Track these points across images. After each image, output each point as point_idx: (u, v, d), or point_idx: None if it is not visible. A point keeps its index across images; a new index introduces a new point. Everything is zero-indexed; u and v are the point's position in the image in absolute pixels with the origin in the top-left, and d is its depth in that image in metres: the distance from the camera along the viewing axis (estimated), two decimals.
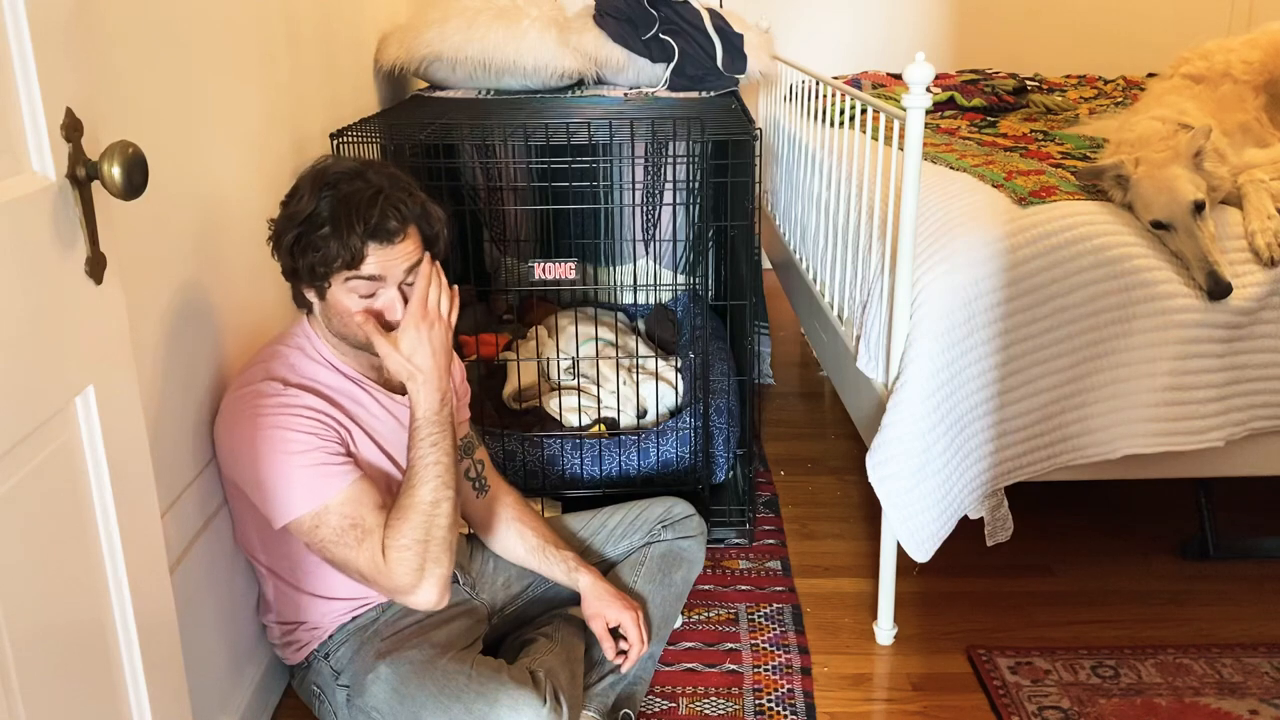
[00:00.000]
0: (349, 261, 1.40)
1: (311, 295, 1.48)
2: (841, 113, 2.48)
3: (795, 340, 3.67)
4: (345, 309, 1.44)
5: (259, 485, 1.44)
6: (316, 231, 1.39)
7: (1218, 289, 1.77)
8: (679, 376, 2.58)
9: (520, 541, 1.74)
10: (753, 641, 1.96)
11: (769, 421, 2.98)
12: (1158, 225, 1.83)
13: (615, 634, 1.67)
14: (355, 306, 1.44)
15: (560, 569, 1.71)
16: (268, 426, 1.42)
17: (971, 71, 3.49)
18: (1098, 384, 1.82)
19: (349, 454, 1.48)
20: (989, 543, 1.88)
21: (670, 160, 3.05)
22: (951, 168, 2.17)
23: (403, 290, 1.45)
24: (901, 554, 1.88)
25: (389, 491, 1.53)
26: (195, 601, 1.48)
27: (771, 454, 2.76)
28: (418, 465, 1.43)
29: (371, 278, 1.42)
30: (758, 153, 2.14)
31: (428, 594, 1.43)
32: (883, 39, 4.08)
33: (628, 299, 3.22)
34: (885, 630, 1.97)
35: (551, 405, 2.46)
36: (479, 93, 2.89)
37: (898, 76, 3.21)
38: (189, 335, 1.50)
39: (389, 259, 1.42)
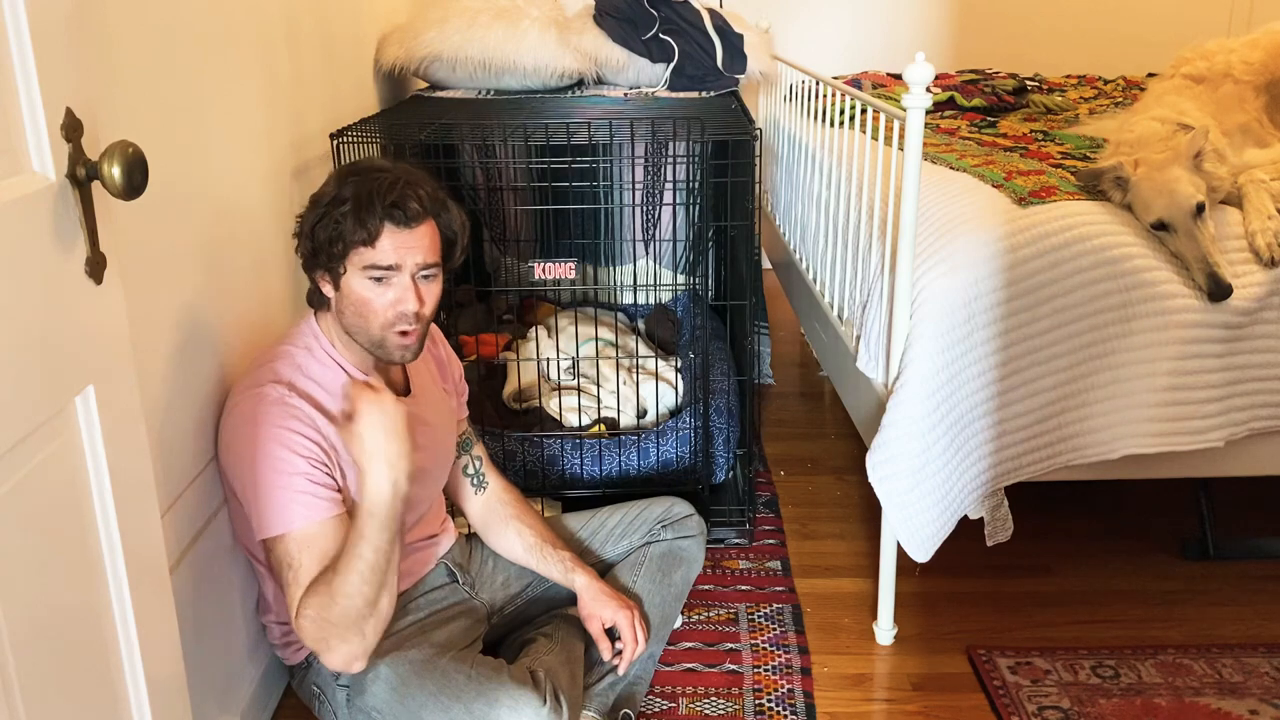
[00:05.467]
0: (365, 239, 1.40)
1: (328, 286, 1.48)
2: (841, 113, 2.48)
3: (795, 340, 3.67)
4: (361, 298, 1.44)
5: (245, 492, 1.44)
6: (337, 209, 1.41)
7: (1218, 290, 1.77)
8: (679, 376, 2.58)
9: (519, 540, 1.74)
10: (753, 641, 1.96)
11: (769, 421, 2.97)
12: (1158, 227, 1.83)
13: (611, 634, 1.67)
14: (371, 296, 1.44)
15: (557, 569, 1.71)
16: (264, 438, 1.41)
17: (971, 71, 3.49)
18: (1098, 384, 1.82)
19: (334, 484, 1.45)
20: (989, 543, 1.88)
21: (670, 160, 3.05)
22: (951, 168, 2.17)
23: (416, 284, 1.45)
24: (901, 554, 1.88)
25: None
26: (195, 601, 1.48)
27: (771, 454, 2.76)
28: (346, 555, 1.36)
29: (388, 267, 1.42)
30: (758, 153, 2.14)
31: (328, 661, 1.40)
32: (883, 39, 4.08)
33: (628, 299, 3.22)
34: (885, 630, 1.97)
35: (551, 405, 2.46)
36: (479, 93, 2.89)
37: (898, 76, 3.20)
38: (190, 335, 1.50)
39: (405, 245, 1.42)
